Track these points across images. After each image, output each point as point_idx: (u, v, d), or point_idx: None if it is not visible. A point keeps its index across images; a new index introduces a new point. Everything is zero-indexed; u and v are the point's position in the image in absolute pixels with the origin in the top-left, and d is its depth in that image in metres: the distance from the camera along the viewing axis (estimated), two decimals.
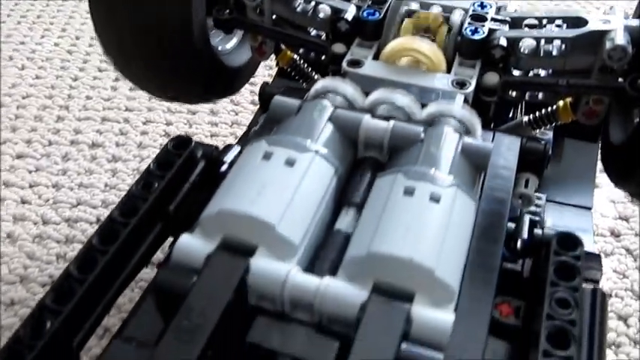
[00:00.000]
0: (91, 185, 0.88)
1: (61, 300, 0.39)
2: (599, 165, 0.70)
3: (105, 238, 0.43)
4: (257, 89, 0.57)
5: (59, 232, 0.80)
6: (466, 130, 0.49)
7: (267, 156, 0.42)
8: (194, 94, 0.68)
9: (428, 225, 0.38)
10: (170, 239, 0.48)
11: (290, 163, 0.42)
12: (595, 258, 0.47)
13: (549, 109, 0.62)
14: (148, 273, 0.51)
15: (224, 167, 0.52)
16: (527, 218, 0.47)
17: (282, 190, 0.40)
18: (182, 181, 0.49)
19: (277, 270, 0.37)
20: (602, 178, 0.91)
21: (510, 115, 0.68)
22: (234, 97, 1.01)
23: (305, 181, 0.41)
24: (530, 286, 0.45)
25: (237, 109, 1.02)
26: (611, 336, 0.71)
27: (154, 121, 1.01)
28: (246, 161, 0.43)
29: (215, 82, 0.66)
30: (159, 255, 0.48)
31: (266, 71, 1.06)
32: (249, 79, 0.73)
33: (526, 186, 0.52)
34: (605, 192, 0.90)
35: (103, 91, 1.08)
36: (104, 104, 1.05)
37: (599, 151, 0.65)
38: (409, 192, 0.40)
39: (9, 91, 1.08)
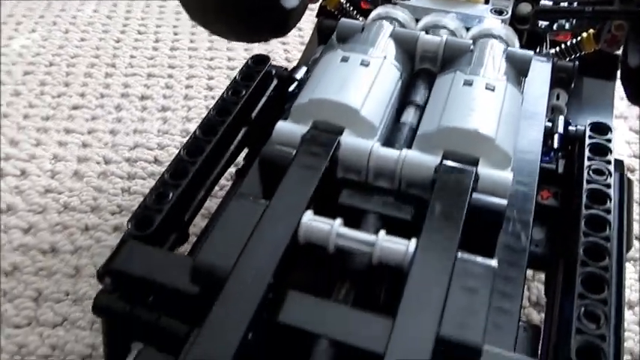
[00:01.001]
0: (145, 131, 0.95)
1: (175, 178, 0.47)
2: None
3: (206, 131, 0.50)
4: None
5: (121, 170, 0.87)
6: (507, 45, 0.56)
7: (344, 59, 0.50)
8: (252, 33, 0.74)
9: (486, 107, 0.45)
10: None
11: (365, 64, 0.49)
12: (619, 163, 0.55)
13: (574, 40, 0.70)
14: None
15: (293, 86, 0.60)
16: (561, 118, 0.54)
17: (361, 84, 0.47)
18: (260, 94, 0.57)
19: (363, 144, 0.45)
20: (617, 121, 0.99)
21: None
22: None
23: (378, 78, 0.48)
24: (566, 178, 0.53)
25: None
26: None
27: (197, 76, 1.08)
28: (327, 64, 0.50)
29: (272, 21, 0.72)
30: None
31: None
32: (299, 21, 0.80)
33: (557, 99, 0.60)
34: (620, 134, 0.97)
35: (145, 51, 1.16)
36: (148, 62, 1.12)
37: (619, 80, 0.73)
38: (468, 83, 0.47)
39: (57, 51, 1.15)
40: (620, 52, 0.70)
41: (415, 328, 0.35)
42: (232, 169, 0.57)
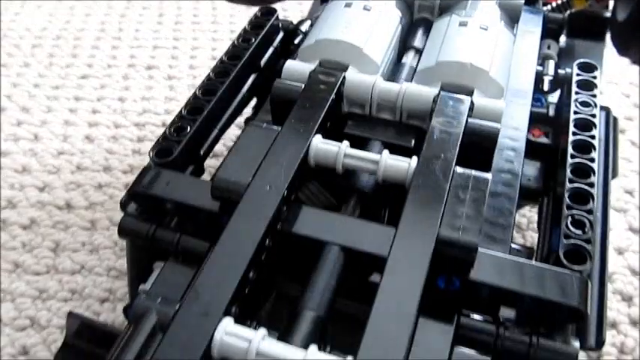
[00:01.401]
0: (152, 98, 0.98)
1: (192, 114, 0.50)
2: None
3: (219, 73, 0.53)
4: None
5: (131, 133, 0.91)
6: None
7: (348, 5, 0.53)
8: None
9: (480, 43, 0.49)
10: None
11: (367, 9, 0.52)
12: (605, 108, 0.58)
13: None
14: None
15: (298, 39, 0.63)
16: (551, 62, 0.58)
17: (364, 25, 0.51)
18: (268, 43, 0.60)
19: (367, 79, 0.48)
20: (607, 87, 1.03)
21: None
22: None
23: (380, 21, 0.52)
24: (556, 119, 0.56)
25: None
26: None
27: (201, 47, 1.11)
28: (331, 10, 0.53)
29: None
30: None
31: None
32: None
33: (549, 48, 0.63)
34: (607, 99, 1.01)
35: (150, 24, 1.18)
36: (153, 35, 1.15)
37: (608, 37, 0.76)
38: (463, 24, 0.51)
39: (64, 26, 1.18)
40: (609, 14, 0.74)
41: (416, 234, 0.38)
42: (241, 121, 0.61)
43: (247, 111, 0.62)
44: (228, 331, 0.34)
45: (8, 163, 0.85)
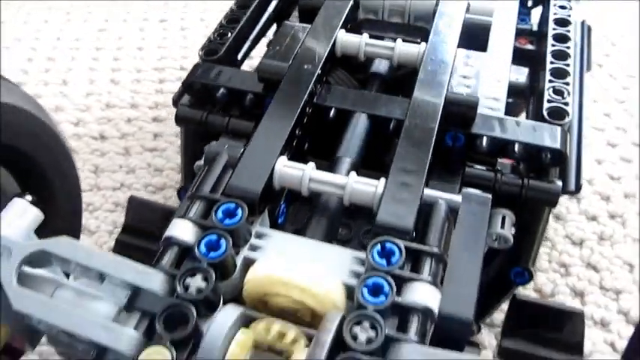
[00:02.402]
0: (168, 46, 1.06)
1: (230, 24, 0.59)
2: None
3: None
4: None
5: (152, 76, 0.99)
6: None
7: None
8: None
9: None
10: None
11: None
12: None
13: None
14: None
15: None
16: None
17: None
18: None
19: None
20: None
21: None
22: None
23: None
24: (539, 31, 0.65)
25: None
26: None
27: (211, 10, 1.18)
28: None
29: None
30: None
31: None
32: None
33: None
34: None
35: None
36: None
37: None
38: None
39: None
40: None
41: (427, 99, 0.47)
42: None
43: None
44: (286, 164, 0.42)
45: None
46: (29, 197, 0.40)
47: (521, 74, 0.63)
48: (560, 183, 0.48)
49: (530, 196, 0.47)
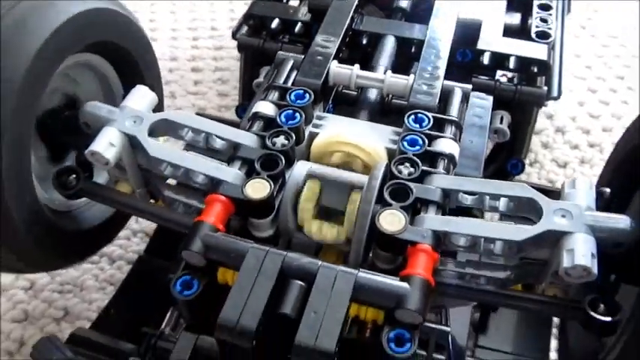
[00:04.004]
0: (199, 18, 1.18)
1: None
2: None
3: None
4: None
5: (186, 35, 1.11)
6: None
7: None
8: None
9: None
10: None
11: None
12: None
13: None
14: None
15: None
16: None
17: None
18: None
19: None
20: None
21: None
22: None
23: None
24: None
25: None
26: None
27: None
28: None
29: None
30: None
31: None
32: None
33: None
34: None
35: None
36: None
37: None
38: None
39: None
40: None
41: (443, 24, 0.60)
42: None
43: None
44: (338, 66, 0.55)
45: None
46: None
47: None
48: (545, 89, 0.61)
49: (522, 99, 0.61)
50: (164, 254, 0.69)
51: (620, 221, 0.41)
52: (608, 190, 0.44)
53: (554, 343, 0.63)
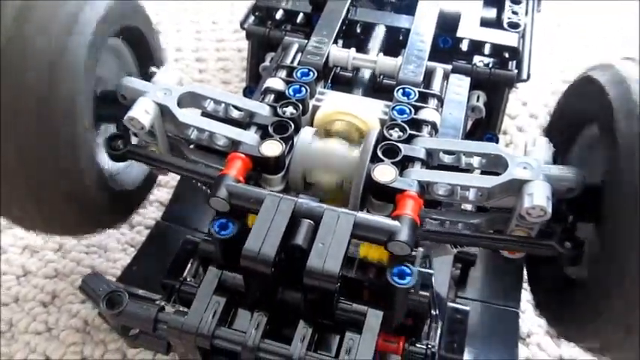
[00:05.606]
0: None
1: None
2: None
3: None
4: None
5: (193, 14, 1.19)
6: None
7: None
8: None
9: None
10: None
11: None
12: None
13: None
14: None
15: None
16: None
17: None
18: None
19: None
20: None
21: None
22: None
23: None
24: None
25: None
26: None
27: None
28: None
29: None
30: None
31: None
32: None
33: None
34: None
35: None
36: None
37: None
38: None
39: None
40: None
41: (427, 14, 0.69)
42: None
43: None
44: (336, 49, 0.64)
45: None
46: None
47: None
48: (516, 72, 0.70)
49: (495, 80, 0.70)
50: (178, 220, 0.78)
51: (570, 171, 0.50)
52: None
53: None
